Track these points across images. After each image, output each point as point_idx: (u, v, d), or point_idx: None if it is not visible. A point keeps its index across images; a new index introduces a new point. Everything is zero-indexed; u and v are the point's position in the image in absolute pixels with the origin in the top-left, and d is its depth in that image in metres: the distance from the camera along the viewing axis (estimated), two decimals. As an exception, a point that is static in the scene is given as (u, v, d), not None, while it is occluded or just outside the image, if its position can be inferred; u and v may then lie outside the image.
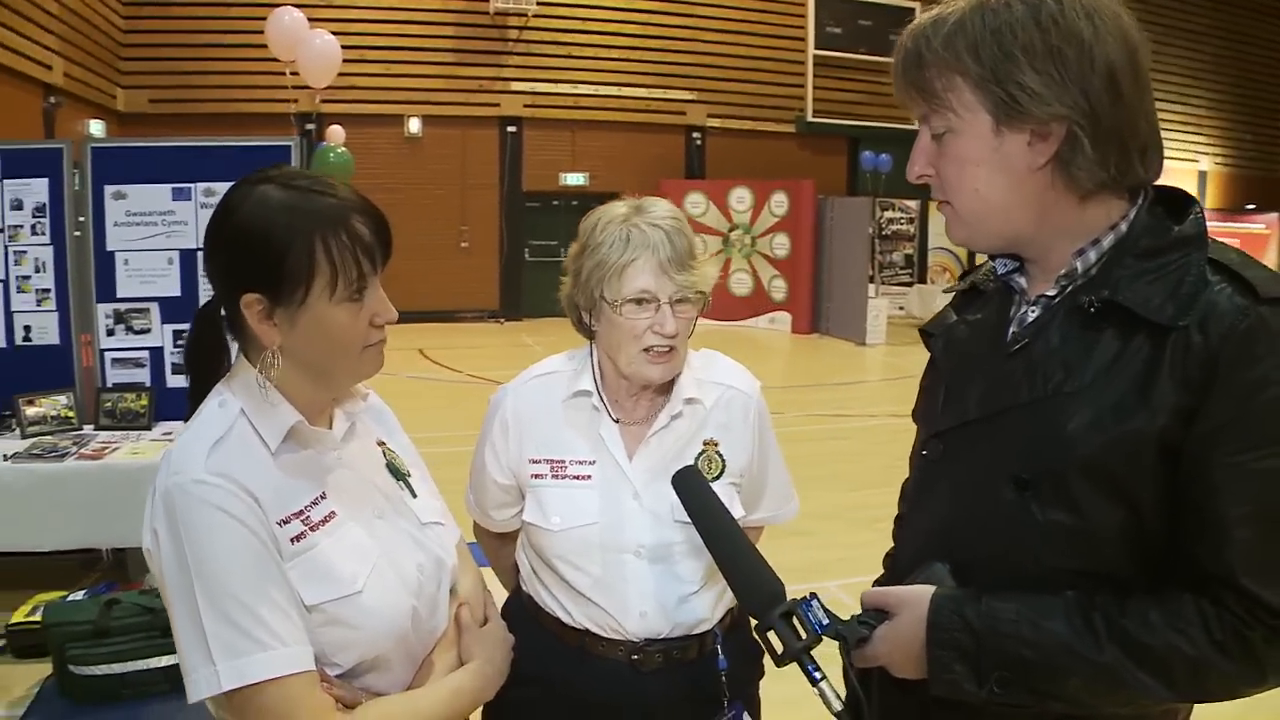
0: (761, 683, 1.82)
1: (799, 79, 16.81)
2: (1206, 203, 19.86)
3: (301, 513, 1.23)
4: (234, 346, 1.32)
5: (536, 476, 1.68)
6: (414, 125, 14.86)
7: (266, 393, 1.25)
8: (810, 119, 16.91)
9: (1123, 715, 1.16)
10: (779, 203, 14.91)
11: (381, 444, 1.46)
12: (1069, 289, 1.17)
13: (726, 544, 1.32)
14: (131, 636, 3.32)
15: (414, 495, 1.44)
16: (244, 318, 1.23)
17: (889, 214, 17.19)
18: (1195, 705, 1.23)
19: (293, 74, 9.68)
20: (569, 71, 15.57)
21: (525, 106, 15.41)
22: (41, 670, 3.48)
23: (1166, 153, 1.19)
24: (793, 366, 12.50)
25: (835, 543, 4.98)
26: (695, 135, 16.50)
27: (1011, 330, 1.23)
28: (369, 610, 1.24)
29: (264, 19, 9.94)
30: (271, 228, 1.20)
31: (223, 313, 1.28)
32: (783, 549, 2.18)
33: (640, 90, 15.98)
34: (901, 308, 16.28)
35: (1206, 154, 20.33)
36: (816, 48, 16.70)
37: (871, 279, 14.76)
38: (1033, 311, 1.21)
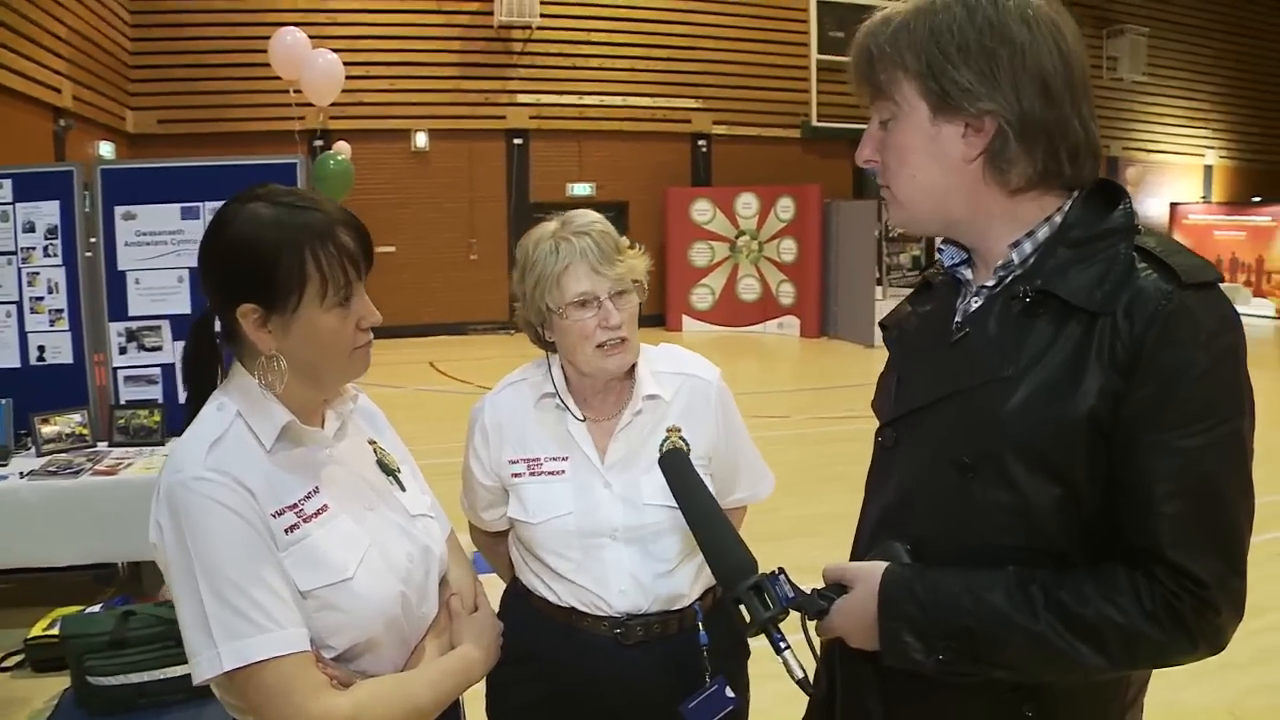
0: (751, 666, 1.90)
1: (803, 84, 16.86)
2: (1213, 196, 19.84)
3: (295, 505, 1.33)
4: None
5: (516, 476, 1.80)
6: (420, 139, 14.97)
7: (266, 393, 1.34)
8: (815, 124, 16.96)
9: (1075, 687, 1.21)
10: (785, 208, 14.97)
11: (372, 442, 1.56)
12: (1007, 279, 1.24)
13: (705, 520, 1.46)
14: (148, 647, 3.40)
15: (403, 489, 1.53)
16: (240, 327, 1.32)
17: (896, 216, 17.21)
18: (1149, 677, 1.29)
19: (296, 92, 9.80)
20: (574, 83, 15.66)
21: (531, 118, 15.52)
22: (59, 683, 3.56)
23: (1172, 149, 1.25)
24: (802, 370, 12.53)
25: (844, 543, 4.98)
26: (701, 143, 16.56)
27: (956, 320, 1.30)
28: (360, 595, 1.33)
29: (268, 39, 10.08)
30: (263, 242, 1.29)
31: (217, 325, 1.39)
32: (793, 549, 2.24)
33: (645, 99, 16.06)
34: (910, 309, 16.25)
35: (1212, 148, 20.29)
36: (819, 52, 16.74)
37: (879, 281, 14.79)
38: (975, 302, 1.28)
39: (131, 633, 3.41)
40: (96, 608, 3.80)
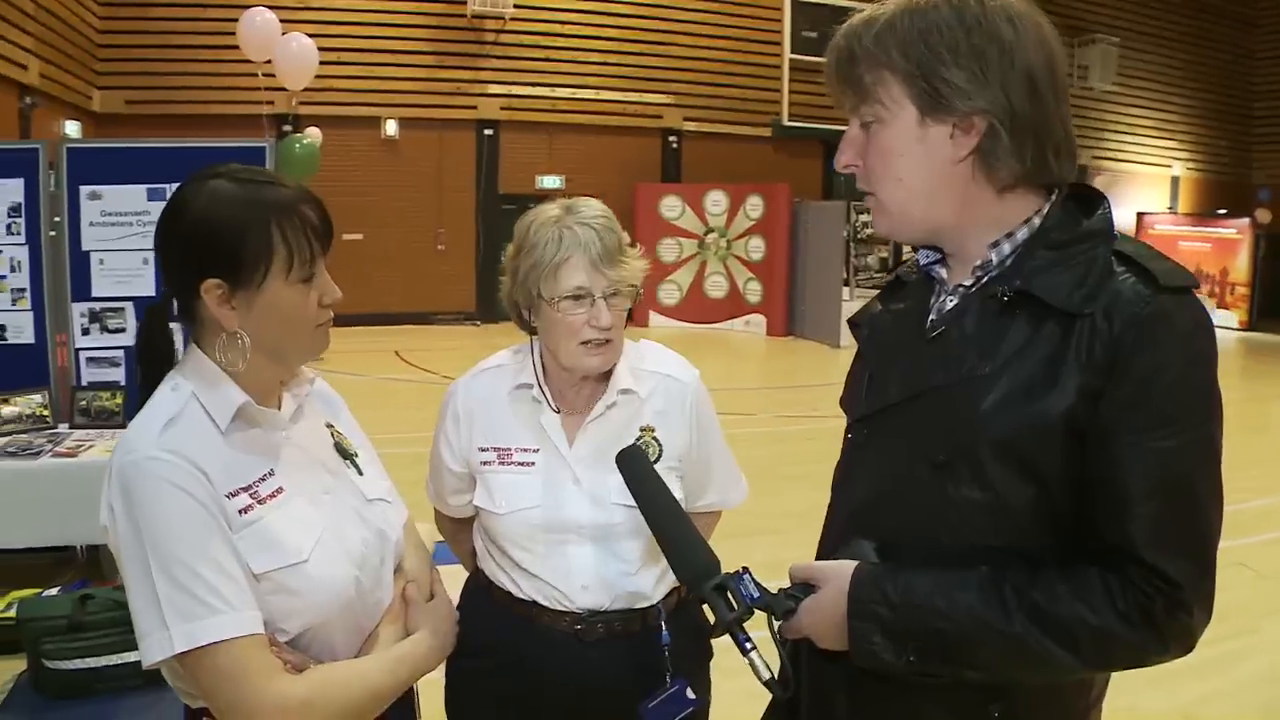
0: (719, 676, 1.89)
1: (774, 83, 16.91)
2: (1179, 207, 20.12)
3: (250, 487, 1.32)
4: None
5: (485, 464, 1.78)
6: (391, 128, 14.85)
7: (222, 373, 1.34)
8: (785, 123, 17.01)
9: (1041, 687, 1.20)
10: (754, 206, 15.01)
11: (330, 426, 1.55)
12: (984, 279, 1.23)
13: (664, 519, 1.44)
14: (106, 631, 3.35)
15: (360, 473, 1.52)
16: (200, 306, 1.32)
17: (864, 217, 17.27)
18: (1110, 679, 1.29)
19: (267, 75, 9.69)
20: (546, 74, 15.60)
21: (502, 109, 15.44)
22: (15, 666, 3.50)
23: (1140, 159, 1.26)
24: (767, 368, 12.59)
25: (807, 540, 4.97)
26: (671, 138, 16.57)
27: (930, 318, 1.29)
28: (314, 579, 1.33)
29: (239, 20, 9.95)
30: (229, 217, 1.30)
31: (173, 305, 1.37)
32: (757, 547, 2.26)
33: (617, 94, 16.03)
34: (876, 310, 16.32)
35: (1179, 159, 20.58)
36: (792, 52, 16.80)
37: (846, 282, 14.87)
38: (951, 301, 1.27)
39: (89, 616, 3.36)
40: (54, 591, 3.75)
